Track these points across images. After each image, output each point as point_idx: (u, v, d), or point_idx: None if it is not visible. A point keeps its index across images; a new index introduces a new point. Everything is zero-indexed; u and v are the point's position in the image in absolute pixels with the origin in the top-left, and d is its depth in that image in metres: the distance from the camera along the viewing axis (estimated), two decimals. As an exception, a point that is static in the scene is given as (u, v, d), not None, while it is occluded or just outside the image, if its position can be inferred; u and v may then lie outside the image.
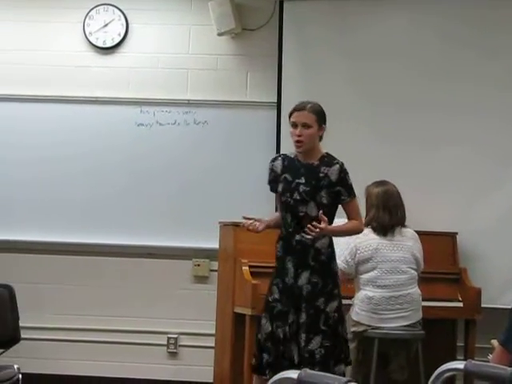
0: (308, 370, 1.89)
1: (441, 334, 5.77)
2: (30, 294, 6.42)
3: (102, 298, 6.63)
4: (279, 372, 4.66)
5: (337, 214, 4.81)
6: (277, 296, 4.67)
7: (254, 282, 5.36)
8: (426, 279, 5.52)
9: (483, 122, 6.22)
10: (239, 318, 5.54)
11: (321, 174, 4.69)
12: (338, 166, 4.71)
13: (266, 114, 6.60)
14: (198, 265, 6.58)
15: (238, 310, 5.55)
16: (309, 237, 4.54)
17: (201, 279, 6.60)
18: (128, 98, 6.69)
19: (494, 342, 4.13)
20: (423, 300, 5.34)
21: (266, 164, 6.62)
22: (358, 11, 6.42)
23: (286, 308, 4.63)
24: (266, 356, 4.65)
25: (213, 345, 6.02)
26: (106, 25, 6.76)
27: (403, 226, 5.34)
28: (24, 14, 6.81)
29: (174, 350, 6.65)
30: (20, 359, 5.49)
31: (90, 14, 6.76)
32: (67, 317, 6.65)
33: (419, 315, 5.26)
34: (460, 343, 5.84)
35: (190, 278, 6.63)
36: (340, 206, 4.79)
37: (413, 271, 5.26)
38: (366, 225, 5.32)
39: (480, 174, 6.20)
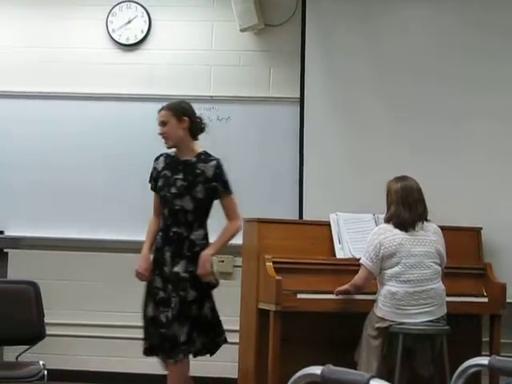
0: (331, 366, 1.89)
1: (466, 329, 5.73)
2: (55, 291, 6.45)
3: (126, 294, 6.64)
4: (160, 354, 4.88)
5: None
6: (159, 285, 4.89)
7: (278, 277, 5.35)
8: (450, 274, 5.49)
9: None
10: (263, 314, 5.54)
11: (197, 171, 4.89)
12: (214, 162, 4.92)
13: (289, 110, 6.60)
14: (222, 261, 6.58)
15: (262, 305, 5.54)
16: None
17: (224, 275, 6.58)
18: (151, 95, 6.70)
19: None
20: (448, 295, 5.30)
21: (290, 160, 6.61)
22: (381, 6, 6.39)
23: (168, 295, 4.83)
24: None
25: (237, 341, 6.00)
26: (129, 22, 6.79)
27: (426, 220, 5.30)
28: (47, 11, 6.84)
29: (199, 346, 6.64)
30: (45, 355, 5.55)
31: (112, 10, 6.80)
32: (89, 313, 6.68)
33: (443, 310, 5.22)
34: (485, 338, 5.81)
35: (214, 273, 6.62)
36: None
37: (436, 266, 5.22)
38: (387, 221, 5.30)
39: (505, 168, 6.16)
